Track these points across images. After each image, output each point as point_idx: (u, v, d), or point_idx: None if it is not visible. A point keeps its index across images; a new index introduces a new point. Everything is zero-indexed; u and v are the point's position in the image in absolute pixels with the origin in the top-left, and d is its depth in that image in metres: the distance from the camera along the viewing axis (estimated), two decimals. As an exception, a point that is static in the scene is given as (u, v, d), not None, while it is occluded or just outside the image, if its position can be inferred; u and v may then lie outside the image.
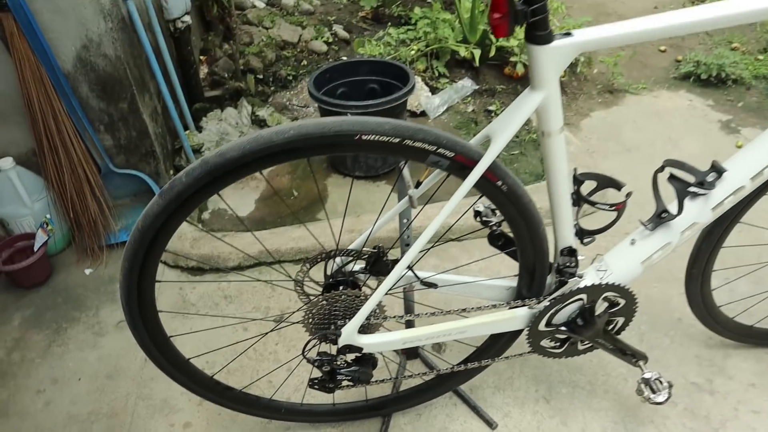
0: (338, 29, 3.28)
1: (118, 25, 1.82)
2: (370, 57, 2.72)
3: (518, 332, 1.22)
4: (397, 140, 0.86)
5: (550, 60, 0.84)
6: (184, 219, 0.94)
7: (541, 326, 1.17)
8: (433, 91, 2.60)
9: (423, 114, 2.50)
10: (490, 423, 1.38)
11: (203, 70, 2.87)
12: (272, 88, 2.84)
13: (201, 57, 2.94)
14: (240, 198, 2.18)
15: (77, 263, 1.95)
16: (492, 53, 2.67)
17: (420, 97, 2.49)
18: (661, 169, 1.09)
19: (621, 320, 1.23)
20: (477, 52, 2.64)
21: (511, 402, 1.44)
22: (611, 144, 2.41)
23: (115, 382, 1.53)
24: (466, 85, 2.59)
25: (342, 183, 2.19)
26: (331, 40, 3.18)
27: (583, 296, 1.14)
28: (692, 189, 1.06)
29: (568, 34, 0.84)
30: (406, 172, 1.05)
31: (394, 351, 1.53)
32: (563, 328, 1.19)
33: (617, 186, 1.07)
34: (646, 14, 3.01)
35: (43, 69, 1.75)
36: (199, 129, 2.34)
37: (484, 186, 0.95)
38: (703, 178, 1.08)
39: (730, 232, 1.25)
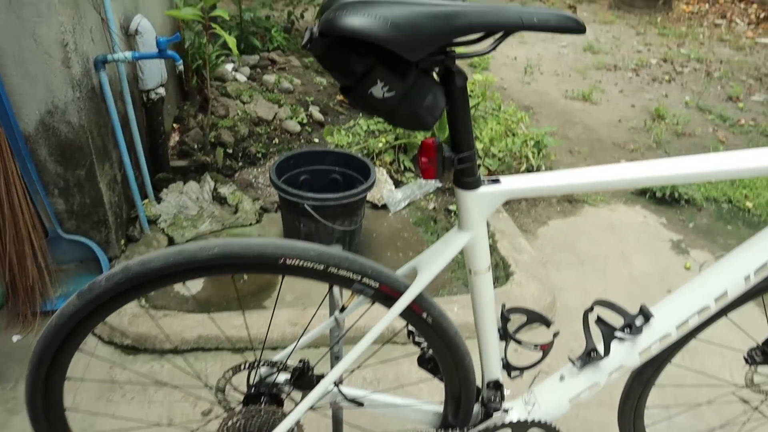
0: (314, 111, 3.36)
1: (87, 95, 1.83)
2: (336, 147, 2.78)
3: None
4: (321, 267, 0.86)
5: (477, 205, 0.87)
6: (101, 321, 0.91)
7: (466, 456, 1.14)
8: (397, 184, 2.65)
9: (384, 207, 2.53)
10: None
11: (174, 138, 2.89)
12: (240, 164, 2.86)
13: (174, 125, 2.96)
14: (189, 274, 2.13)
15: (6, 328, 1.87)
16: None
17: (383, 189, 2.53)
18: (591, 308, 1.11)
19: (547, 455, 1.21)
20: (443, 151, 2.71)
21: None
22: (565, 255, 2.46)
23: (19, 470, 1.43)
24: (430, 182, 2.65)
25: (294, 269, 2.18)
26: (305, 120, 3.25)
27: (508, 431, 1.12)
28: (618, 334, 1.07)
29: (496, 181, 0.87)
30: (336, 292, 1.04)
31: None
32: (488, 459, 1.16)
33: (546, 323, 1.07)
34: (612, 127, 3.13)
35: (1, 128, 1.74)
36: (159, 200, 2.32)
37: (409, 316, 0.94)
38: (632, 321, 1.10)
39: (660, 373, 1.26)
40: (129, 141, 2.13)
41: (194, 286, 2.08)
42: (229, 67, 3.72)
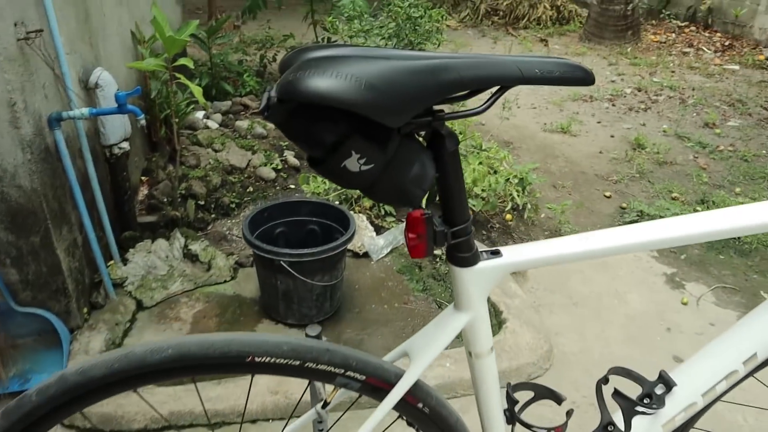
0: (289, 156, 3.26)
1: (40, 156, 1.70)
2: (312, 195, 2.66)
3: None
4: (297, 363, 0.72)
5: (476, 283, 0.75)
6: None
7: None
8: (378, 230, 2.53)
9: (366, 255, 2.41)
10: None
11: (142, 192, 2.75)
12: (213, 216, 2.73)
13: (143, 178, 2.83)
14: (159, 341, 1.97)
15: (-47, 417, 1.68)
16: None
17: (364, 237, 2.41)
18: (606, 379, 0.98)
19: None
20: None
21: None
22: (558, 296, 2.35)
23: None
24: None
25: (273, 331, 2.03)
26: (280, 167, 3.14)
27: None
28: (640, 408, 0.95)
29: (496, 253, 0.75)
30: (317, 384, 0.91)
31: None
32: None
33: (557, 399, 0.95)
34: (593, 158, 3.03)
35: (-55, 199, 1.60)
36: (125, 261, 2.17)
37: (402, 407, 0.81)
38: (651, 390, 0.98)
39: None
40: (90, 201, 1.99)
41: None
42: (200, 114, 3.61)
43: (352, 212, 2.37)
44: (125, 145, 2.24)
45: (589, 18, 7.20)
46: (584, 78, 0.61)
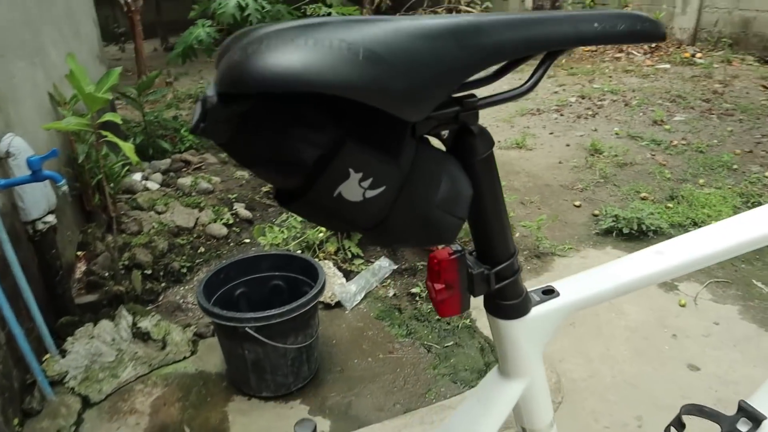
0: (240, 208, 3.02)
1: (-59, 246, 1.42)
2: (271, 248, 2.43)
3: None
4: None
5: (531, 337, 0.55)
6: None
7: None
8: (347, 276, 2.31)
9: (339, 305, 2.18)
10: None
11: (80, 269, 2.45)
12: (163, 284, 2.45)
13: (79, 253, 2.53)
14: (113, 441, 1.69)
15: None
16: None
17: (333, 285, 2.18)
18: (680, 424, 0.79)
19: None
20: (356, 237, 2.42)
21: None
22: (552, 318, 2.17)
23: None
24: (384, 265, 2.33)
25: (248, 408, 1.77)
26: (231, 221, 2.90)
27: None
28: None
29: (549, 292, 0.56)
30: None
31: None
32: None
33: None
34: (554, 170, 2.88)
35: None
36: (63, 352, 1.88)
37: None
38: (733, 427, 0.79)
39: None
40: (12, 289, 1.71)
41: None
42: (138, 176, 3.35)
43: (317, 260, 2.15)
44: (50, 218, 1.97)
45: (520, 35, 7.30)
46: (654, 31, 0.43)
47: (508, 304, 0.53)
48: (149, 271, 2.47)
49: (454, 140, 0.46)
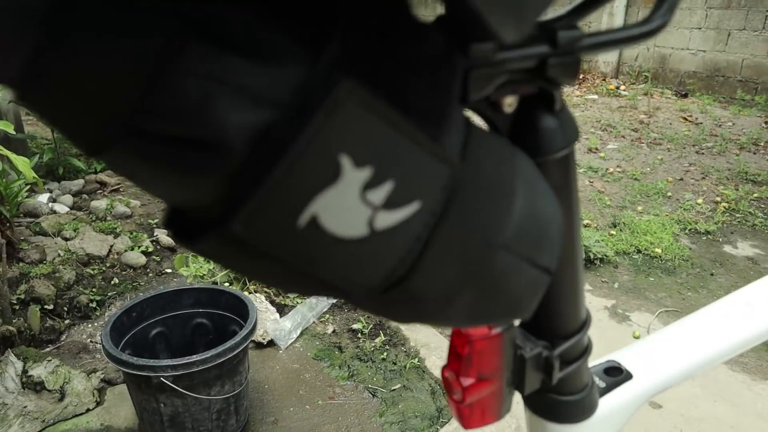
0: (161, 235, 2.73)
1: None
2: (195, 281, 2.17)
3: None
4: None
5: None
6: None
7: None
8: (282, 310, 2.08)
9: (272, 344, 1.94)
10: None
11: (-35, 306, 2.09)
12: (67, 322, 2.13)
13: (-36, 286, 2.17)
14: None
15: None
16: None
17: (266, 322, 1.94)
18: None
19: None
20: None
21: None
22: (504, 354, 2.02)
23: None
24: (322, 298, 2.11)
25: (161, 470, 1.49)
26: (151, 249, 2.60)
27: None
28: None
29: (616, 372, 0.38)
30: None
31: None
32: None
33: None
34: None
35: None
36: (-68, 409, 1.54)
37: None
38: None
39: None
40: None
41: None
42: (44, 197, 2.99)
43: (247, 294, 1.92)
44: (-77, 248, 1.65)
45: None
46: None
47: (569, 400, 0.35)
48: (50, 306, 2.14)
49: (522, 120, 0.27)
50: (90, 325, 2.15)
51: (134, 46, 0.15)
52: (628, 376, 0.38)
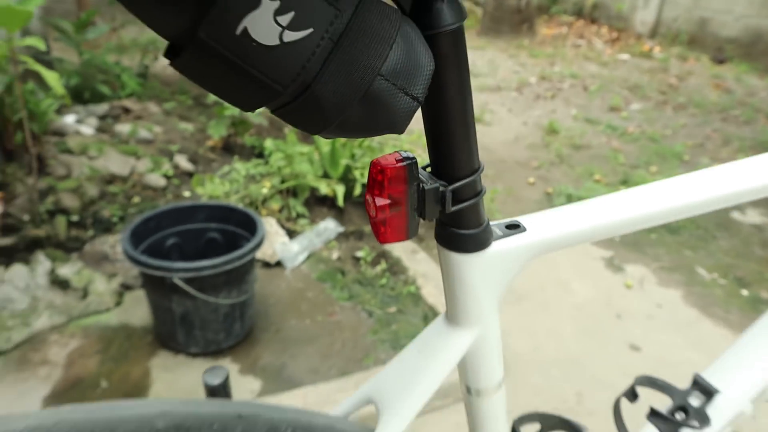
0: (181, 160, 2.83)
1: None
2: (209, 200, 2.28)
3: None
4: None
5: (488, 276, 0.45)
6: None
7: None
8: (291, 235, 2.18)
9: (279, 264, 2.06)
10: None
11: (-3, 211, 2.24)
12: (90, 233, 2.27)
13: (-3, 194, 2.31)
14: (20, 395, 1.53)
15: None
16: (357, 191, 2.35)
17: (275, 243, 2.06)
18: (633, 393, 0.72)
19: None
20: (340, 190, 2.30)
21: None
22: (499, 291, 2.12)
23: None
24: (329, 227, 2.22)
25: (173, 364, 1.64)
26: (171, 173, 2.71)
27: None
28: (686, 430, 0.69)
29: (516, 227, 0.46)
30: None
31: None
32: None
33: (574, 430, 0.67)
34: (510, 145, 2.79)
35: None
36: (-32, 296, 1.70)
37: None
38: (685, 401, 0.73)
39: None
40: None
41: (29, 407, 1.48)
42: (71, 118, 3.10)
43: (259, 215, 2.02)
44: (-39, 150, 1.76)
45: (485, 13, 7.26)
46: None
47: (466, 233, 0.43)
48: (76, 218, 2.28)
49: (420, 3, 0.36)
50: (111, 237, 2.29)
51: None
52: (523, 230, 0.46)
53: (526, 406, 1.61)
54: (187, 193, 2.63)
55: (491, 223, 0.47)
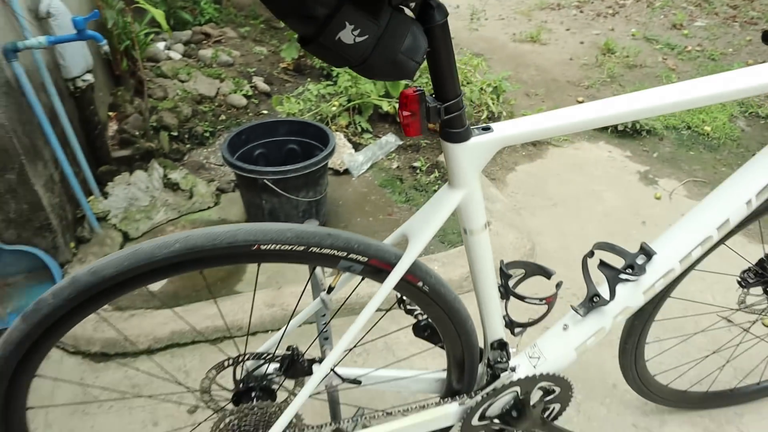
0: (258, 81, 3.19)
1: (2, 89, 1.64)
2: (288, 116, 2.63)
3: (450, 427, 1.12)
4: (301, 248, 0.75)
5: (469, 158, 0.77)
6: (55, 343, 0.79)
7: (474, 421, 1.08)
8: (356, 147, 2.53)
9: (347, 172, 2.42)
10: None
11: (112, 128, 2.68)
12: (188, 146, 2.69)
13: (110, 114, 2.75)
14: (150, 270, 2.00)
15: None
16: (415, 109, 2.65)
17: (343, 154, 2.41)
18: (591, 253, 1.04)
19: (557, 407, 1.16)
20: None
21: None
22: (537, 199, 2.41)
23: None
24: (390, 140, 2.54)
25: (262, 250, 2.07)
26: (250, 93, 3.08)
27: (517, 388, 1.06)
28: (624, 276, 1.01)
29: (487, 129, 0.77)
30: (318, 272, 0.94)
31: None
32: (497, 421, 1.11)
33: (546, 274, 1.00)
34: (564, 66, 3.01)
35: None
36: (105, 195, 2.15)
37: (403, 287, 0.85)
38: (633, 261, 1.04)
39: (660, 308, 1.22)
40: (61, 135, 1.94)
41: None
42: (161, 45, 3.48)
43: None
44: (89, 77, 2.17)
45: None
46: None
47: (454, 132, 0.75)
48: (175, 133, 2.70)
49: (420, 11, 0.66)
50: (205, 150, 2.71)
51: (319, 4, 0.59)
52: (491, 131, 0.77)
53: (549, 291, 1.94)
54: (265, 111, 2.99)
55: (472, 127, 0.78)
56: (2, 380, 0.77)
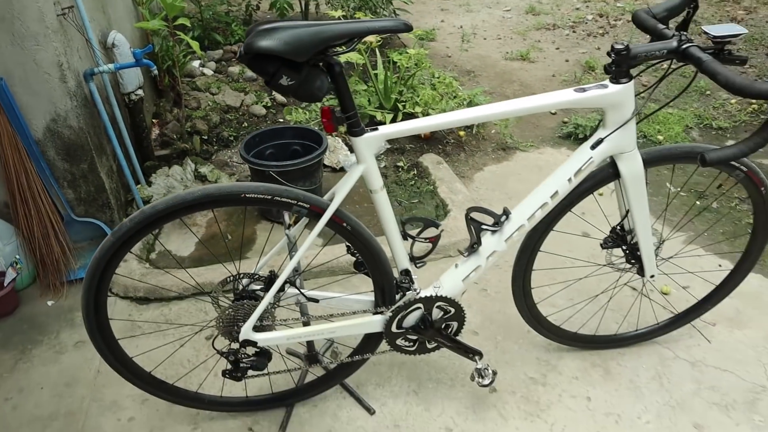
0: (277, 95, 3.77)
1: (81, 102, 2.25)
2: (294, 123, 3.21)
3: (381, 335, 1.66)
4: (269, 197, 1.31)
5: (365, 145, 1.32)
6: (128, 251, 1.36)
7: (394, 328, 1.61)
8: (352, 150, 3.09)
9: (342, 170, 2.98)
10: (369, 410, 1.79)
11: (155, 132, 3.30)
12: (216, 147, 3.29)
13: (153, 120, 3.37)
14: (183, 241, 2.59)
15: (41, 296, 2.31)
16: (400, 118, 3.20)
17: (339, 155, 2.97)
18: (467, 214, 1.57)
19: (455, 324, 1.68)
20: (389, 117, 3.16)
21: (388, 395, 1.86)
22: (497, 193, 2.93)
23: (73, 389, 1.89)
24: (380, 144, 3.10)
25: (268, 228, 2.63)
26: (269, 104, 3.67)
27: (421, 305, 1.59)
28: (485, 227, 1.54)
29: (375, 128, 1.32)
30: (286, 216, 1.49)
31: (300, 357, 1.94)
32: (410, 330, 1.64)
33: (435, 225, 1.54)
34: (546, 82, 3.64)
35: (18, 137, 2.16)
36: (149, 183, 2.75)
37: (334, 226, 1.40)
38: (498, 219, 1.56)
39: (535, 257, 1.73)
40: (119, 137, 2.55)
41: (187, 248, 2.53)
42: (197, 63, 4.11)
43: (329, 136, 2.92)
44: (140, 92, 2.78)
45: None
46: (403, 28, 1.16)
47: (354, 130, 1.28)
48: (205, 137, 3.30)
49: (326, 66, 1.19)
50: (229, 151, 3.30)
51: (269, 67, 1.15)
52: (377, 129, 1.31)
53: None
54: (280, 120, 3.58)
55: (365, 127, 1.32)
56: (98, 271, 1.34)
